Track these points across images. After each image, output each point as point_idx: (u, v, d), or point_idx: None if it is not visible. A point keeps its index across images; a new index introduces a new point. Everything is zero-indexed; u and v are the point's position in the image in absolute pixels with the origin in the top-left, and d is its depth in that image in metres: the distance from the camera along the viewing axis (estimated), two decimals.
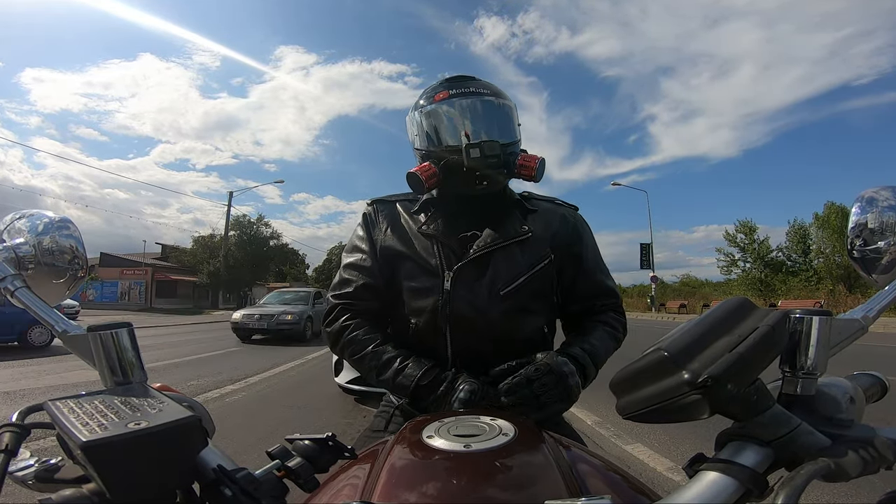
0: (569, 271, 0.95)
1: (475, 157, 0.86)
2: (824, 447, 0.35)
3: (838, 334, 0.44)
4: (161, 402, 0.40)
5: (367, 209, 1.02)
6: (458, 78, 0.96)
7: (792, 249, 29.81)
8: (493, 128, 0.93)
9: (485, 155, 0.86)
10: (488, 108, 0.93)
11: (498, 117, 0.94)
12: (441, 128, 0.94)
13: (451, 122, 0.93)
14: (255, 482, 0.37)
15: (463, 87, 0.93)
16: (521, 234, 0.91)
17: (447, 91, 0.93)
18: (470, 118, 0.92)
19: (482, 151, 0.86)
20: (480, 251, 0.88)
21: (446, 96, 0.92)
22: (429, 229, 0.93)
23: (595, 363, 0.85)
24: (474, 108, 0.92)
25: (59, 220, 0.63)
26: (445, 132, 0.93)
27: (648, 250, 27.19)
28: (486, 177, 0.89)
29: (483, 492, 0.45)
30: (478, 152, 0.86)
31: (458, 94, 0.92)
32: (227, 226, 27.47)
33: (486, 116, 0.93)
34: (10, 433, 0.38)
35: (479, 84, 0.95)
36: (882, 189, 0.57)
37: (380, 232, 0.97)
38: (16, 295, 0.55)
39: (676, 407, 0.35)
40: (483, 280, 0.87)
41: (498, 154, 0.87)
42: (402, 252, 0.93)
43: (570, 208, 1.03)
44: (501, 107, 0.94)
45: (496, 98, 0.94)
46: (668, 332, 0.38)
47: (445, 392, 0.78)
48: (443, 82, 0.96)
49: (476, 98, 0.92)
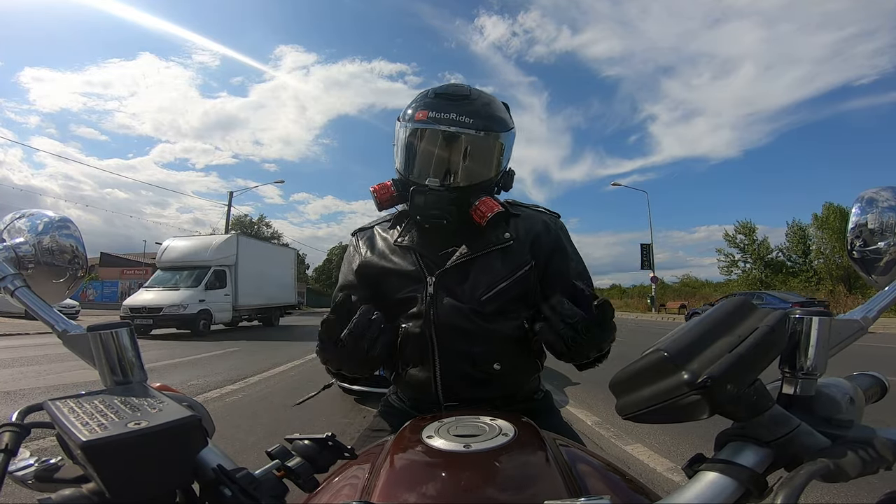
0: (549, 279, 0.93)
1: (418, 205, 0.88)
2: (824, 448, 0.36)
3: (838, 335, 0.44)
4: (161, 402, 0.40)
5: (350, 240, 1.05)
6: (447, 97, 0.90)
7: (792, 250, 29.84)
8: (460, 167, 0.90)
9: (428, 206, 0.87)
10: (462, 144, 0.89)
11: (471, 155, 0.90)
12: (408, 153, 0.93)
13: (417, 150, 0.92)
14: (255, 482, 0.37)
15: (444, 112, 0.87)
16: (502, 241, 0.91)
17: (427, 111, 0.89)
18: (437, 152, 0.90)
19: (426, 202, 0.87)
20: (462, 258, 0.89)
21: (424, 118, 0.89)
22: (404, 241, 0.94)
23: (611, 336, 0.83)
24: (445, 141, 0.89)
25: (59, 219, 0.63)
26: (410, 159, 0.93)
27: (649, 251, 27.21)
28: (427, 222, 0.90)
29: (483, 492, 0.45)
30: (422, 200, 0.88)
31: (435, 120, 0.87)
32: (228, 226, 27.47)
33: (452, 154, 0.90)
34: (10, 433, 0.38)
35: (466, 110, 0.88)
36: (882, 189, 0.57)
37: (360, 256, 0.99)
38: (16, 294, 0.55)
39: (676, 407, 0.34)
40: (465, 285, 0.88)
41: (439, 207, 0.87)
42: (384, 267, 0.94)
43: (552, 216, 1.02)
44: (479, 141, 0.89)
45: (477, 131, 0.88)
46: (668, 332, 0.38)
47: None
48: (431, 98, 0.91)
49: (453, 128, 0.87)
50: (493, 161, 0.94)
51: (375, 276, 0.94)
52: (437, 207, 0.87)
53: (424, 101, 0.91)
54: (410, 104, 0.95)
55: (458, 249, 0.90)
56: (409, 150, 0.93)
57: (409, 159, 0.94)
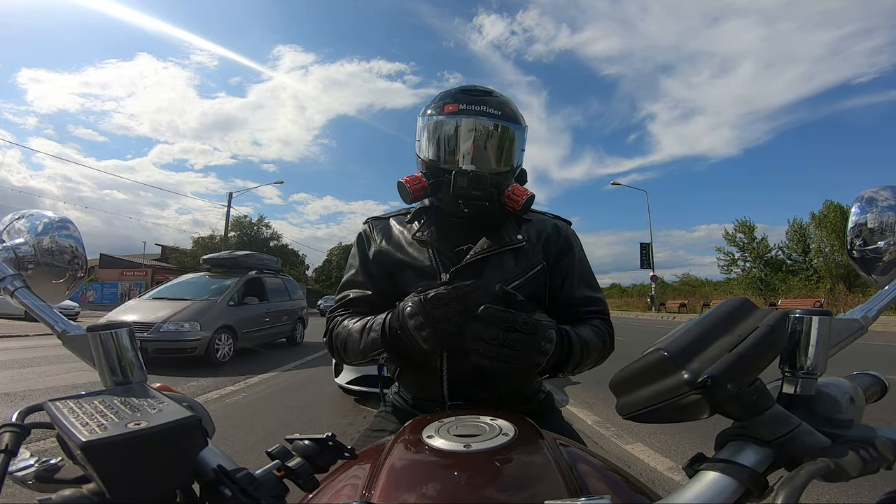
0: (557, 280, 0.96)
1: (461, 186, 0.88)
2: (824, 447, 0.36)
3: (838, 334, 0.44)
4: (161, 402, 0.40)
5: (363, 227, 1.05)
6: (474, 91, 0.95)
7: (792, 249, 29.84)
8: (492, 153, 0.93)
9: (471, 185, 0.88)
10: (493, 132, 0.93)
11: (501, 142, 0.94)
12: (441, 143, 0.95)
13: (451, 139, 0.94)
14: (255, 482, 0.37)
15: (474, 105, 0.92)
16: (515, 242, 0.93)
17: (457, 104, 0.92)
18: (472, 140, 0.92)
19: (469, 182, 0.88)
20: (476, 256, 0.90)
21: (455, 110, 0.92)
22: (423, 236, 0.95)
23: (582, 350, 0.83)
24: (478, 129, 0.92)
25: (58, 220, 0.63)
26: (443, 149, 0.94)
27: (648, 250, 27.24)
28: (469, 206, 0.91)
29: (483, 492, 0.45)
30: (465, 181, 0.88)
31: (466, 112, 0.91)
32: (227, 227, 27.48)
33: (487, 140, 0.93)
34: (10, 433, 0.38)
35: (493, 103, 0.93)
36: (882, 189, 0.57)
37: (375, 245, 0.99)
38: (16, 295, 0.55)
39: (676, 407, 0.34)
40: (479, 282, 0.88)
41: (484, 187, 0.88)
42: (399, 259, 0.94)
43: (564, 222, 1.05)
44: (508, 131, 0.94)
45: (505, 122, 0.93)
46: (668, 331, 0.38)
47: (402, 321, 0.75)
48: (458, 93, 0.95)
49: (484, 119, 0.91)
50: (516, 152, 0.97)
51: (390, 266, 0.95)
52: (480, 188, 0.88)
53: (453, 95, 0.95)
54: (435, 100, 0.98)
55: (473, 247, 0.92)
56: (441, 140, 0.95)
57: (442, 148, 0.95)
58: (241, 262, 9.01)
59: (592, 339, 0.86)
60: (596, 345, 0.87)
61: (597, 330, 0.90)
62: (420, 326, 0.72)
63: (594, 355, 0.87)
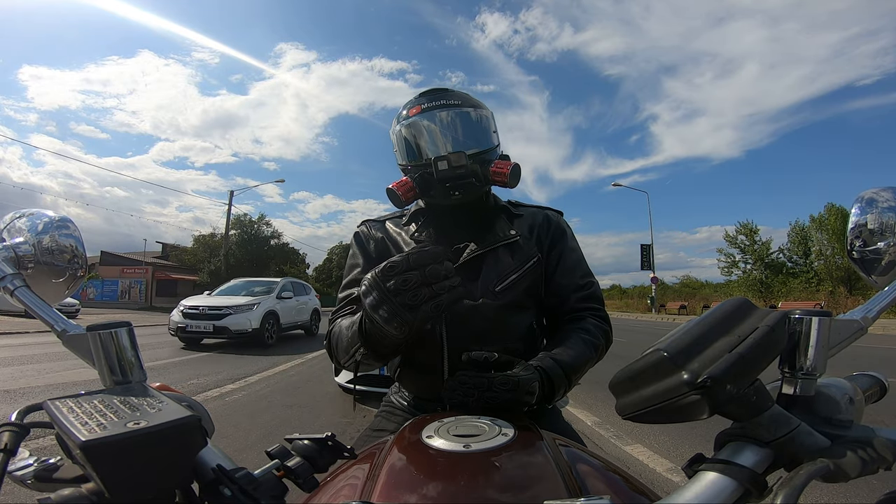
0: (550, 267, 0.99)
1: (443, 170, 0.90)
2: (823, 448, 0.35)
3: (838, 335, 0.44)
4: (160, 402, 0.40)
5: (360, 228, 1.07)
6: (432, 91, 0.99)
7: (793, 251, 29.83)
8: (465, 138, 0.95)
9: (452, 166, 0.89)
10: (459, 119, 0.95)
11: (470, 126, 0.96)
12: (414, 142, 0.97)
13: (422, 135, 0.96)
14: (255, 482, 0.37)
15: (435, 100, 0.95)
16: (509, 237, 0.96)
17: (419, 105, 0.96)
18: (440, 130, 0.95)
19: (449, 163, 0.89)
20: (472, 255, 0.93)
21: (419, 111, 0.95)
22: (421, 237, 0.97)
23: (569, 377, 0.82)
24: (444, 119, 0.95)
25: (58, 219, 0.63)
26: (418, 146, 0.96)
27: (649, 251, 27.23)
28: (457, 187, 0.92)
29: (482, 492, 0.45)
30: (445, 164, 0.90)
31: (429, 108, 0.95)
32: (228, 225, 27.50)
33: (456, 127, 0.95)
34: (10, 432, 0.38)
35: (452, 95, 0.97)
36: (882, 190, 0.57)
37: (374, 242, 1.02)
38: (15, 294, 0.55)
39: (676, 407, 0.34)
40: (477, 281, 0.91)
41: (464, 164, 0.89)
42: None
43: (554, 212, 1.07)
44: (471, 114, 0.96)
45: (468, 108, 0.96)
46: (667, 332, 0.38)
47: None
48: (418, 97, 0.99)
49: (447, 110, 0.94)
50: (488, 132, 0.99)
51: None
52: (461, 165, 0.89)
53: (414, 100, 0.99)
54: (401, 110, 1.01)
55: (469, 246, 0.94)
56: (413, 141, 0.97)
57: (415, 149, 0.97)
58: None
59: (581, 354, 0.86)
60: (585, 359, 0.86)
61: (587, 337, 0.89)
62: (376, 304, 0.62)
63: (586, 369, 0.87)
